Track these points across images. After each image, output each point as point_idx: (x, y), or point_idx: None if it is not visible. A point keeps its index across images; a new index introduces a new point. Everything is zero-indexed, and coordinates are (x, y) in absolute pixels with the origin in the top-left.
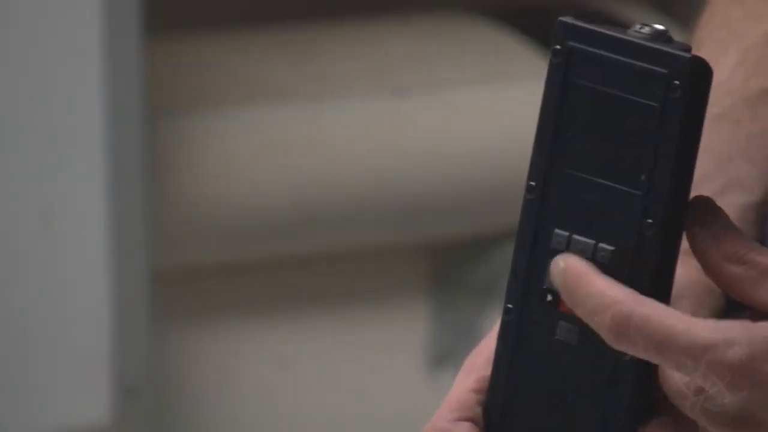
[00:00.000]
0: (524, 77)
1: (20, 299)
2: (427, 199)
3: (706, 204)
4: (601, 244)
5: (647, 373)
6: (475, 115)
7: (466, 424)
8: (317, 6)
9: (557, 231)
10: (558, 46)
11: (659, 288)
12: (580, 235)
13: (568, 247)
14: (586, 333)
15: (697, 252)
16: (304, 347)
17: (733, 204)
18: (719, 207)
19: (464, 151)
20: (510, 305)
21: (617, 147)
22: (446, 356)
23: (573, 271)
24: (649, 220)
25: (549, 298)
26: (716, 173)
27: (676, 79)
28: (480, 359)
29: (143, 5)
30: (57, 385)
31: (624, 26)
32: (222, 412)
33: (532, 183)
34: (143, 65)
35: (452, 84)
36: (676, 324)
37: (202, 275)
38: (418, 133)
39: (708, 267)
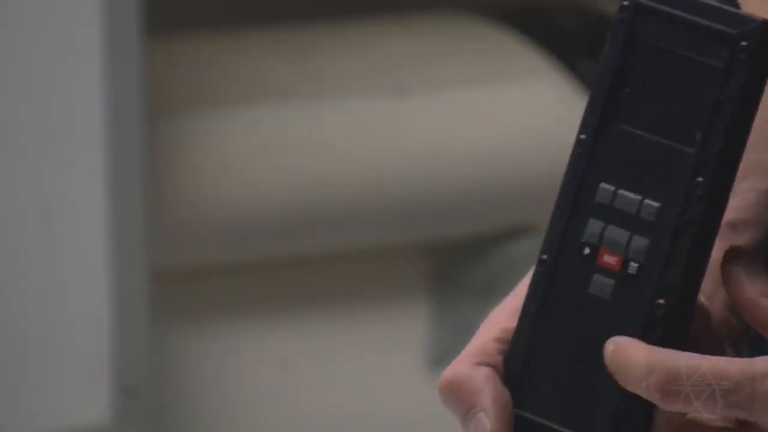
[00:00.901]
0: (524, 77)
1: (20, 299)
2: (427, 199)
3: (740, 250)
4: (647, 200)
5: (677, 330)
6: (475, 115)
7: (487, 369)
8: (317, 6)
9: (603, 185)
10: (625, 2)
11: (699, 251)
12: (626, 190)
13: (613, 201)
14: (621, 287)
15: (730, 287)
16: (304, 347)
17: (753, 188)
18: (754, 254)
19: (464, 151)
20: (545, 257)
21: (674, 105)
22: (446, 356)
23: (620, 348)
24: (699, 179)
25: (587, 251)
26: None
27: (745, 41)
28: (504, 313)
29: (143, 5)
30: (57, 385)
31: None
32: (222, 412)
33: (582, 137)
34: (143, 65)
35: (452, 84)
36: (727, 365)
37: (202, 275)
38: (418, 133)
39: (740, 301)
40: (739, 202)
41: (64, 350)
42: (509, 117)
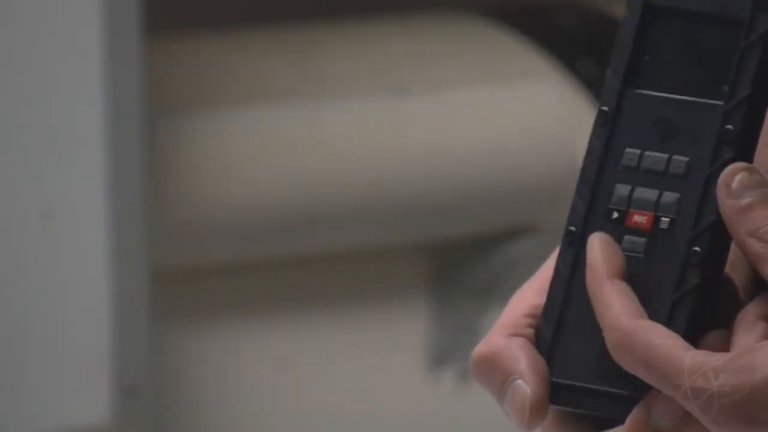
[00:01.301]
0: (524, 77)
1: (20, 299)
2: (427, 199)
3: (742, 169)
4: (675, 156)
5: (713, 282)
6: (475, 115)
7: (520, 338)
8: (317, 6)
9: (628, 150)
10: None
11: None
12: (652, 151)
13: (639, 163)
14: (653, 243)
15: (727, 224)
16: (304, 347)
17: None
18: (757, 173)
19: (464, 151)
20: (573, 228)
21: (698, 64)
22: (446, 356)
23: (595, 269)
24: (729, 126)
25: (615, 215)
26: None
27: None
28: (532, 290)
29: (143, 5)
30: (57, 385)
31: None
32: (222, 412)
33: (605, 108)
34: (143, 65)
35: (452, 84)
36: (672, 350)
37: (202, 275)
38: (418, 133)
39: (735, 241)
40: None
41: (64, 350)
42: (509, 117)
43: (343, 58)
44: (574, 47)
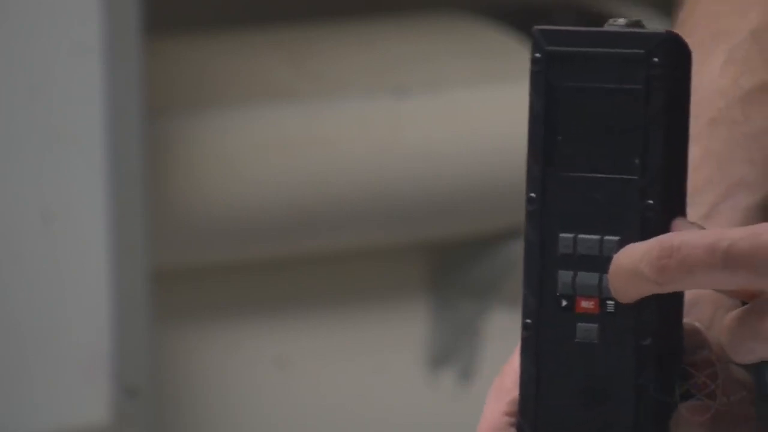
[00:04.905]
0: (524, 77)
1: (20, 299)
2: (427, 199)
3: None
4: (606, 237)
5: (673, 351)
6: (475, 115)
7: None
8: (317, 6)
9: (562, 235)
10: (537, 54)
11: None
12: (584, 233)
13: (575, 248)
14: (603, 326)
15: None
16: (303, 347)
17: (738, 206)
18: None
19: (464, 151)
20: (528, 320)
21: (607, 139)
22: (446, 356)
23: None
24: (650, 201)
25: (564, 303)
26: (719, 177)
27: (655, 56)
28: (508, 381)
29: (143, 5)
30: (57, 385)
31: (598, 25)
32: (222, 412)
33: (532, 194)
34: (143, 65)
35: (452, 84)
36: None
37: (202, 275)
38: (418, 133)
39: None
40: (725, 223)
41: (64, 350)
42: (509, 117)
43: (343, 58)
44: None
